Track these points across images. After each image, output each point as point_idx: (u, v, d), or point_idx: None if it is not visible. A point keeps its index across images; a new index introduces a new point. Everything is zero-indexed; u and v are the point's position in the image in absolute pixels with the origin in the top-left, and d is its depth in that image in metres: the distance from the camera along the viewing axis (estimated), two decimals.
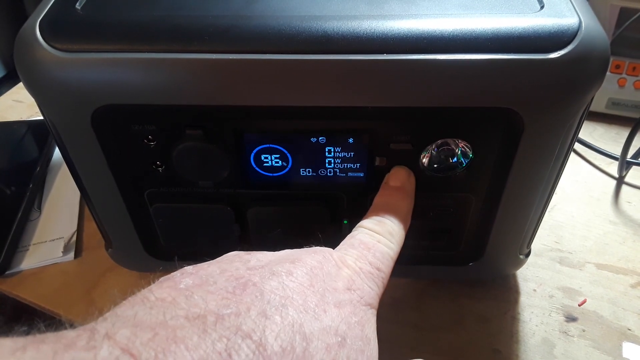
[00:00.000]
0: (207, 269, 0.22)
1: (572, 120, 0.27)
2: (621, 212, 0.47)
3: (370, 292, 0.24)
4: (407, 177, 0.30)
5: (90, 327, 0.17)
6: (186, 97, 0.26)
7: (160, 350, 0.16)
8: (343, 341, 0.21)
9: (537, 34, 0.25)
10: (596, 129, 0.57)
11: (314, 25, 0.25)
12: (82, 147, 0.29)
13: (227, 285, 0.20)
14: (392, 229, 0.28)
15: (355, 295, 0.23)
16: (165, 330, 0.17)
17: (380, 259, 0.26)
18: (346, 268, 0.24)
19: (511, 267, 0.39)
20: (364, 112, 0.27)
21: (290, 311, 0.20)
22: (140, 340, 0.16)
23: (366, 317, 0.23)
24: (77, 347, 0.16)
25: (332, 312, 0.21)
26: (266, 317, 0.19)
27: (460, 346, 0.37)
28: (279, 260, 0.23)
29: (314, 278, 0.22)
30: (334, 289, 0.23)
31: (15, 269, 0.42)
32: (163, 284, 0.20)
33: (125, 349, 0.16)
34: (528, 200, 0.32)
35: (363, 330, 0.22)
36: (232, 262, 0.23)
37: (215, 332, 0.18)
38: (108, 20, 0.26)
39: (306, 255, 0.24)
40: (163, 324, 0.18)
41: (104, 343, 0.16)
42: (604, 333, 0.38)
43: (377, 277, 0.25)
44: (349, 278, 0.24)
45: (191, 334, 0.17)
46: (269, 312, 0.19)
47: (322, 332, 0.20)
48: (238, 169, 0.31)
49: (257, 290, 0.20)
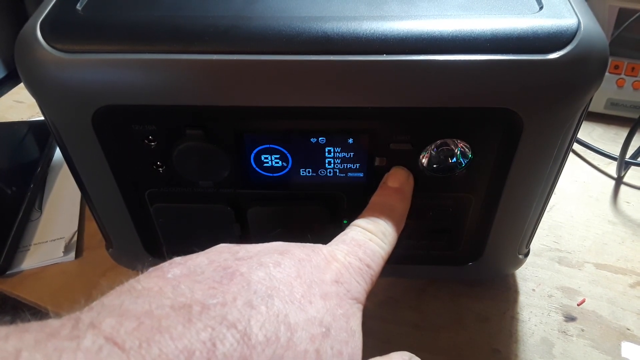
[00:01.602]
0: (195, 260, 0.22)
1: (571, 121, 0.27)
2: (620, 212, 0.48)
3: (357, 287, 0.24)
4: (406, 178, 0.30)
5: (75, 316, 0.17)
6: (186, 97, 0.26)
7: (144, 339, 0.16)
8: (327, 332, 0.21)
9: (536, 35, 0.25)
10: (595, 129, 0.57)
11: (313, 26, 0.25)
12: (82, 148, 0.29)
13: (214, 275, 0.21)
14: (385, 229, 0.28)
15: (342, 289, 0.23)
16: (150, 319, 0.17)
17: (371, 256, 0.26)
18: (335, 262, 0.24)
19: (510, 267, 0.39)
20: (364, 112, 0.27)
21: (276, 301, 0.20)
22: (124, 329, 0.17)
23: (352, 311, 0.23)
24: (60, 336, 0.16)
25: (318, 303, 0.22)
26: (252, 307, 0.19)
27: (460, 346, 0.37)
28: (267, 251, 0.23)
29: (301, 269, 0.23)
30: (321, 281, 0.23)
31: (16, 269, 0.42)
32: (151, 274, 0.21)
33: (109, 337, 0.16)
34: (527, 200, 0.32)
35: (348, 322, 0.22)
36: (221, 253, 0.23)
37: (201, 322, 0.18)
38: (109, 21, 0.26)
39: (295, 247, 0.24)
40: (148, 313, 0.18)
41: (88, 332, 0.16)
42: (603, 333, 0.38)
43: (365, 273, 0.25)
44: (337, 271, 0.24)
45: (176, 323, 0.17)
46: (254, 302, 0.20)
47: (306, 322, 0.20)
48: (238, 169, 0.31)
49: (244, 280, 0.21)
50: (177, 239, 0.36)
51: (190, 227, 0.35)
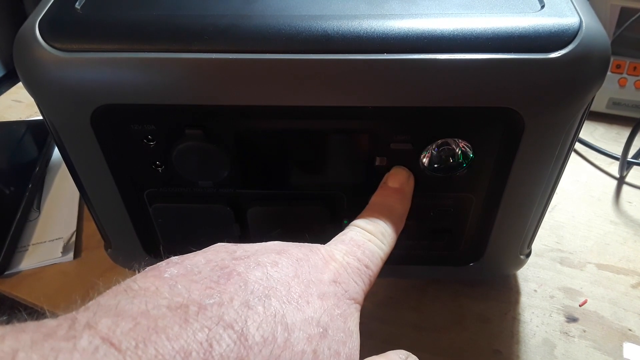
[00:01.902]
0: (192, 259, 0.22)
1: (573, 120, 0.27)
2: (622, 212, 0.47)
3: (355, 287, 0.24)
4: (406, 178, 0.30)
5: (71, 316, 0.17)
6: (186, 96, 0.26)
7: (140, 339, 0.16)
8: (325, 332, 0.21)
9: (537, 34, 0.25)
10: (597, 129, 0.57)
11: (313, 25, 0.25)
12: (81, 147, 0.29)
13: (211, 274, 0.21)
14: (384, 229, 0.28)
15: (340, 289, 0.23)
16: (146, 319, 0.17)
17: (369, 256, 0.26)
18: (333, 262, 0.24)
19: (512, 268, 0.39)
20: (364, 112, 0.27)
21: (273, 302, 0.20)
22: (121, 330, 0.17)
23: (349, 311, 0.23)
24: (56, 336, 0.16)
25: (315, 303, 0.21)
26: (249, 307, 0.19)
27: (461, 346, 0.37)
28: (265, 250, 0.23)
29: (299, 269, 0.23)
30: (319, 281, 0.23)
31: (14, 270, 0.42)
32: (148, 274, 0.21)
33: (106, 338, 0.16)
34: (528, 201, 0.31)
35: (345, 322, 0.22)
36: (218, 252, 0.23)
37: (197, 322, 0.18)
38: (107, 20, 0.26)
39: (293, 247, 0.24)
40: (145, 314, 0.18)
41: (84, 332, 0.16)
42: (605, 333, 0.37)
43: (364, 273, 0.25)
44: (336, 271, 0.24)
45: (172, 323, 0.17)
46: (251, 303, 0.20)
47: (304, 322, 0.20)
48: (238, 169, 0.31)
49: (241, 280, 0.21)
50: (177, 239, 0.35)
51: (190, 227, 0.34)
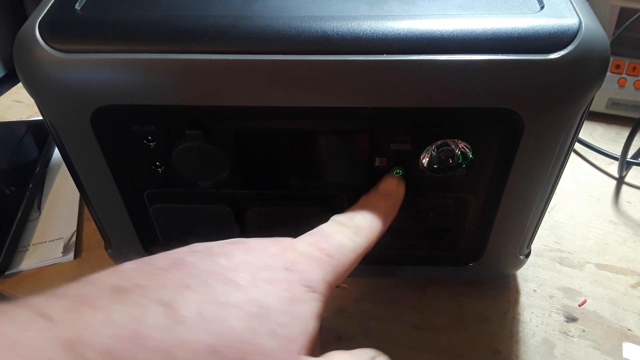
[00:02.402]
0: (154, 256, 0.23)
1: (572, 121, 0.27)
2: (621, 212, 0.47)
3: (312, 275, 0.24)
4: (396, 184, 0.31)
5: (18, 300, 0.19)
6: (186, 97, 0.26)
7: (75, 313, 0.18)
8: (265, 312, 0.21)
9: (537, 35, 0.25)
10: (596, 129, 0.57)
11: (313, 26, 0.25)
12: (81, 148, 0.29)
13: (163, 265, 0.22)
14: (361, 223, 0.28)
15: (295, 276, 0.23)
16: (85, 299, 0.18)
17: (335, 246, 0.26)
18: (292, 251, 0.24)
19: (511, 268, 0.39)
20: (364, 112, 0.27)
21: (217, 285, 0.21)
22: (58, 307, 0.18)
23: (303, 297, 0.23)
24: None
25: (261, 286, 0.22)
26: (190, 289, 0.20)
27: (460, 346, 0.37)
28: (224, 244, 0.24)
29: (250, 257, 0.23)
30: (270, 267, 0.23)
31: (14, 270, 0.42)
32: (109, 269, 0.21)
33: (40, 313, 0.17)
34: (528, 201, 0.32)
35: (293, 306, 0.22)
36: (181, 249, 0.24)
37: (133, 299, 0.19)
38: (107, 21, 0.26)
39: (255, 240, 0.25)
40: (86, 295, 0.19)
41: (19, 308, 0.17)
42: (604, 333, 0.37)
43: (325, 262, 0.25)
44: (291, 260, 0.24)
45: (109, 301, 0.18)
46: (193, 286, 0.20)
47: (245, 302, 0.21)
48: (238, 170, 0.31)
49: (189, 267, 0.21)
50: (177, 240, 0.35)
51: (190, 227, 0.35)
